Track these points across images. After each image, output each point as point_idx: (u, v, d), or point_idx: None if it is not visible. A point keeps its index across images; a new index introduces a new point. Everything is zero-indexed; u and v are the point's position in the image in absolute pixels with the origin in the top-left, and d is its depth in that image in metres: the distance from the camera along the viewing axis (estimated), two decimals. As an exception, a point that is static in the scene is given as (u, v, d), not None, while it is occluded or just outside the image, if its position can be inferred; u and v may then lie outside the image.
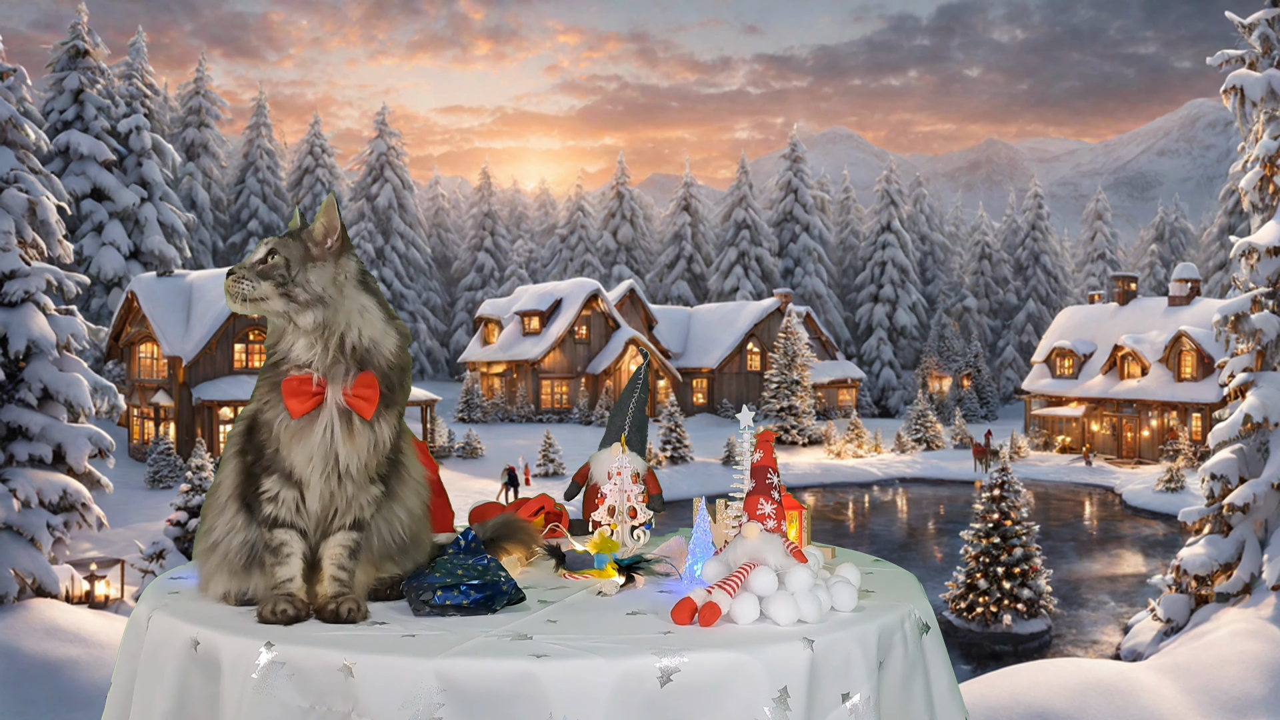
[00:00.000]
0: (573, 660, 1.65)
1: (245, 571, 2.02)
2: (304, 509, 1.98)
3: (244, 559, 2.02)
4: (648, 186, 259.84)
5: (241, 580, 2.03)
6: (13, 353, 15.26)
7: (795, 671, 1.71)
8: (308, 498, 1.98)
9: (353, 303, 1.98)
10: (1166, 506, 29.81)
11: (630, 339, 46.84)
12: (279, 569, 1.96)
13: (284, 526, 1.97)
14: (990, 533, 18.04)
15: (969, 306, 65.31)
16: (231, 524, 2.03)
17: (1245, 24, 16.41)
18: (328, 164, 61.45)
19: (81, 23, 42.19)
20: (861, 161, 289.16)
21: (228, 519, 2.04)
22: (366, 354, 1.97)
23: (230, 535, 2.03)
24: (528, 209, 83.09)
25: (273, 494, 1.97)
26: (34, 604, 14.13)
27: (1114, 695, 11.52)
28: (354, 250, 2.03)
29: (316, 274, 1.96)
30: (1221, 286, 58.50)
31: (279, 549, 1.97)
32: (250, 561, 2.02)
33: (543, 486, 31.71)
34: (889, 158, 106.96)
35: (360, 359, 1.97)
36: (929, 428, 42.20)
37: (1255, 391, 15.13)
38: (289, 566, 1.96)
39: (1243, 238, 16.09)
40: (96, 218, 40.42)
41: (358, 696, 1.65)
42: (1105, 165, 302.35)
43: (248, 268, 1.95)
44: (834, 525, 29.32)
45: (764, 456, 2.07)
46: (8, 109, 17.26)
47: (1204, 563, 15.43)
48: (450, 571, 1.96)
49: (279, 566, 1.96)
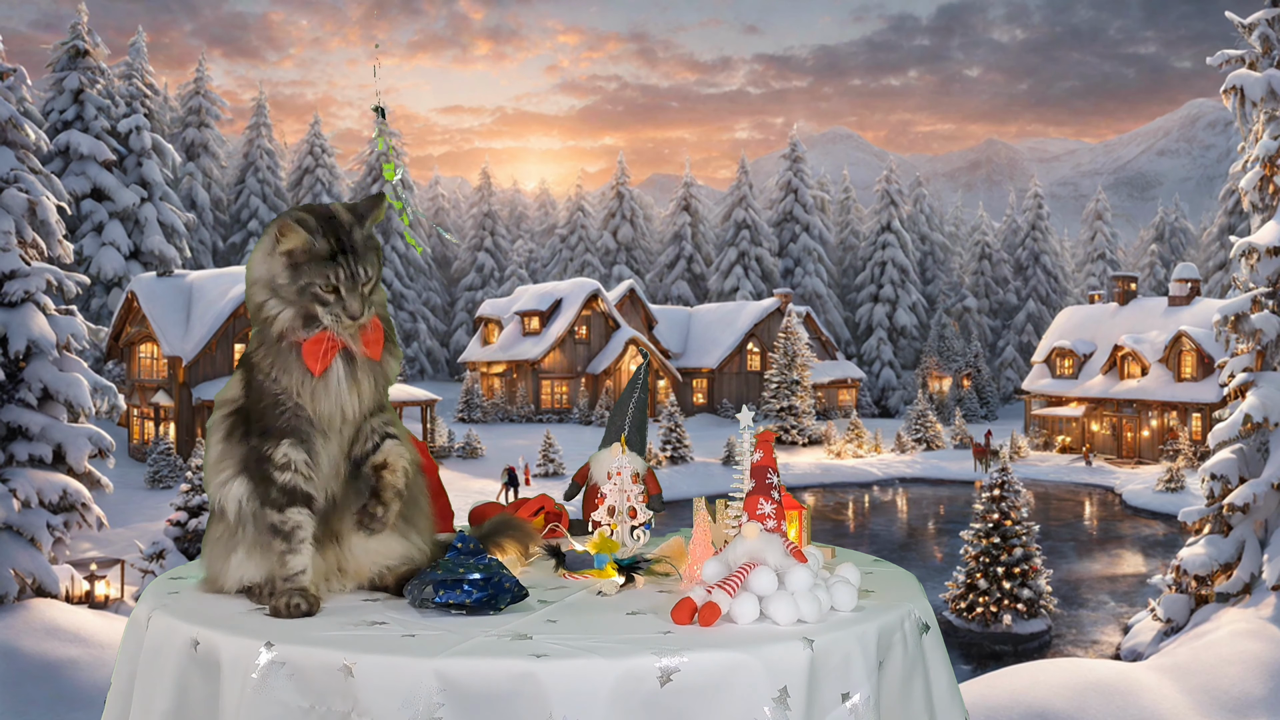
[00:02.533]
0: (573, 660, 1.65)
1: (264, 555, 2.01)
2: (315, 471, 1.99)
3: (261, 540, 2.01)
4: (648, 186, 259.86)
5: (261, 565, 2.01)
6: (13, 353, 15.26)
7: (795, 671, 1.71)
8: (321, 455, 2.00)
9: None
10: (1166, 506, 29.82)
11: (630, 339, 46.85)
12: (291, 558, 1.95)
13: (297, 503, 1.97)
14: (990, 533, 18.05)
15: (969, 306, 65.32)
16: (246, 495, 2.01)
17: (1245, 24, 16.41)
18: (328, 164, 61.45)
19: (81, 23, 42.21)
20: (861, 161, 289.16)
21: (239, 491, 2.01)
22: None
23: (248, 503, 2.01)
24: (528, 209, 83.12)
25: (284, 460, 1.97)
26: (34, 604, 14.14)
27: (1114, 695, 11.52)
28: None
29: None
30: (1221, 286, 58.51)
31: (292, 534, 1.96)
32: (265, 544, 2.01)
33: (543, 486, 31.71)
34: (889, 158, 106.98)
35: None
36: (929, 428, 42.21)
37: (1255, 391, 15.14)
38: (301, 555, 1.96)
39: (1243, 238, 16.09)
40: (96, 218, 40.43)
41: (358, 696, 1.65)
42: (1105, 165, 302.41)
43: (363, 299, 1.96)
44: (834, 525, 29.32)
45: (764, 456, 2.07)
46: (8, 109, 17.26)
47: (1204, 563, 15.43)
48: (452, 570, 1.96)
49: (291, 555, 1.96)
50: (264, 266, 1.96)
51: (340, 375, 1.99)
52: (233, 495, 2.02)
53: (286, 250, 1.92)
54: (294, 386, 1.97)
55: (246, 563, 2.02)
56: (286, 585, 1.94)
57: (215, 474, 2.04)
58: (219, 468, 2.04)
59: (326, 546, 2.05)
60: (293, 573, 1.96)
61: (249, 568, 2.02)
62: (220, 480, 2.03)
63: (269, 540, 1.99)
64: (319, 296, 1.92)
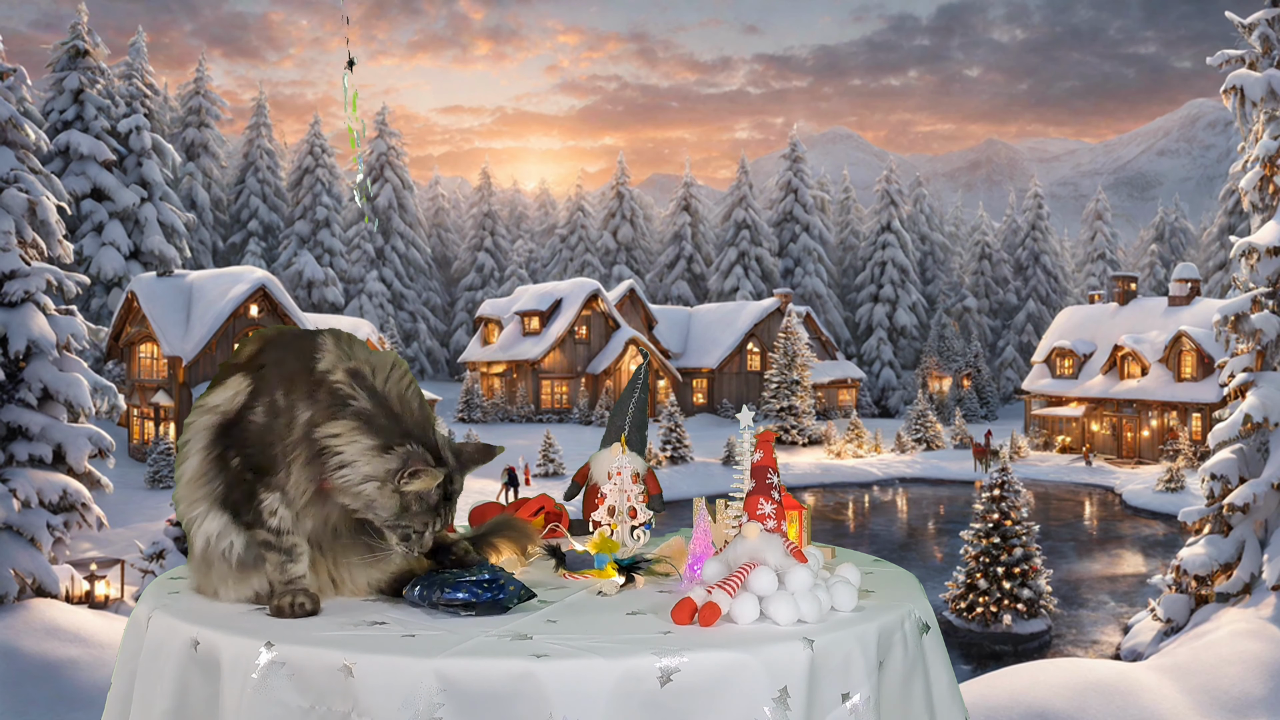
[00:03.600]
0: (573, 660, 1.65)
1: (244, 577, 2.00)
2: (299, 525, 1.98)
3: (240, 564, 1.99)
4: (648, 186, 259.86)
5: (243, 587, 2.01)
6: (13, 353, 15.26)
7: (795, 671, 1.71)
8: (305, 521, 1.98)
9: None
10: (1166, 506, 29.82)
11: (630, 339, 46.85)
12: (291, 565, 1.96)
13: (288, 532, 1.97)
14: (990, 533, 18.04)
15: (969, 306, 65.32)
16: (219, 533, 1.98)
17: (1245, 24, 16.41)
18: (328, 164, 61.45)
19: (81, 23, 42.20)
20: (861, 161, 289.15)
21: (211, 529, 1.98)
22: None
23: (217, 543, 1.98)
24: (528, 209, 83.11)
25: (273, 509, 1.94)
26: (34, 604, 14.13)
27: (1114, 695, 11.52)
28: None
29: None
30: (1221, 286, 58.52)
31: (292, 549, 1.96)
32: (246, 565, 1.99)
33: (543, 486, 31.71)
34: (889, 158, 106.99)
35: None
36: (929, 428, 42.20)
37: (1255, 391, 15.14)
38: (301, 564, 1.97)
39: (1243, 238, 16.09)
40: (96, 218, 40.42)
41: (358, 696, 1.65)
42: (1105, 165, 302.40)
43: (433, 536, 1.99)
44: (834, 525, 29.32)
45: (764, 456, 2.07)
46: (8, 109, 17.26)
47: (1204, 563, 15.43)
48: (459, 572, 1.98)
49: (291, 564, 1.96)
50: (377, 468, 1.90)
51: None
52: (203, 532, 1.98)
53: (406, 489, 1.90)
54: (298, 489, 1.93)
55: (231, 591, 2.01)
56: (289, 587, 1.94)
57: (192, 491, 1.99)
58: (195, 485, 1.99)
59: (320, 565, 2.04)
60: (295, 576, 1.96)
61: (235, 592, 2.01)
62: (194, 514, 1.99)
63: (256, 558, 1.98)
64: (408, 536, 1.95)
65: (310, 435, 1.90)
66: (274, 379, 1.96)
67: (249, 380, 1.99)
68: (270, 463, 1.93)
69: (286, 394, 1.93)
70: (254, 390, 1.97)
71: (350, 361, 1.96)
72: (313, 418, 1.90)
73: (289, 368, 1.96)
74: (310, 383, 1.93)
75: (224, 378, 2.03)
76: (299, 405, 1.92)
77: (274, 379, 1.96)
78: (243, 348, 2.08)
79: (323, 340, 2.00)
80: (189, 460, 2.00)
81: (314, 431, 1.89)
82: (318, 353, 1.97)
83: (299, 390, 1.93)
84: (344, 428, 1.89)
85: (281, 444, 1.92)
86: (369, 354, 2.00)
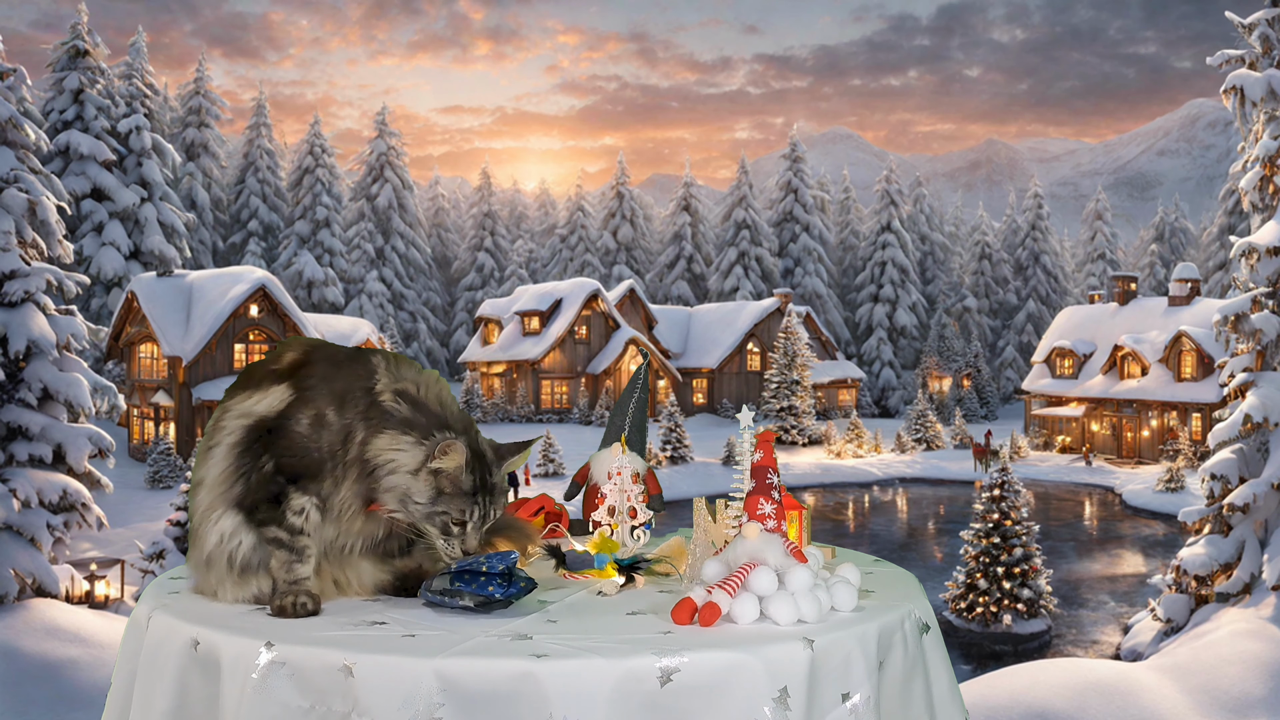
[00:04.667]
0: (573, 660, 1.65)
1: (245, 579, 2.01)
2: (319, 531, 2.01)
3: (243, 566, 2.00)
4: (648, 186, 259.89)
5: (243, 589, 2.01)
6: (13, 353, 15.26)
7: (795, 671, 1.71)
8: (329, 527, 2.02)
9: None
10: (1166, 506, 29.82)
11: (630, 339, 46.85)
12: (299, 566, 1.96)
13: (305, 533, 1.98)
14: (990, 533, 18.05)
15: (969, 306, 65.33)
16: (231, 532, 1.99)
17: (1245, 24, 16.41)
18: (328, 164, 61.44)
19: (81, 23, 42.21)
20: (861, 161, 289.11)
21: (225, 527, 1.99)
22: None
23: (228, 540, 2.00)
24: (528, 209, 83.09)
25: (301, 509, 1.96)
26: (34, 604, 14.13)
27: (1114, 695, 11.52)
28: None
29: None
30: (1221, 286, 58.52)
31: (303, 551, 1.97)
32: (248, 567, 2.00)
33: (543, 486, 31.71)
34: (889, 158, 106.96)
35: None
36: (929, 428, 42.20)
37: (1255, 391, 15.14)
38: (307, 566, 1.98)
39: (1243, 238, 16.09)
40: (96, 218, 40.43)
41: (358, 696, 1.65)
42: (1105, 165, 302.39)
43: (481, 538, 2.01)
44: (834, 525, 29.32)
45: (764, 456, 2.06)
46: (8, 109, 17.26)
47: (1204, 563, 15.43)
48: (469, 570, 1.97)
49: (299, 564, 1.97)
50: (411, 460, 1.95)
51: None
52: (218, 529, 2.00)
53: (436, 469, 1.94)
54: (343, 502, 1.98)
55: (230, 592, 2.02)
56: (293, 587, 1.95)
57: (216, 488, 2.01)
58: (221, 483, 2.01)
59: (325, 571, 2.04)
60: (300, 577, 1.96)
61: (235, 593, 2.02)
62: (214, 512, 2.01)
63: (260, 560, 1.99)
64: (447, 527, 1.95)
65: (363, 456, 1.96)
66: (323, 393, 1.99)
67: (291, 390, 2.01)
68: (308, 470, 1.97)
69: (339, 411, 1.98)
70: (297, 400, 2.00)
71: (398, 383, 2.03)
72: (365, 438, 1.97)
73: (341, 385, 2.00)
74: (367, 403, 1.99)
75: (261, 383, 2.04)
76: (356, 425, 1.97)
77: (323, 393, 1.99)
78: (280, 354, 2.09)
79: (376, 362, 2.05)
80: (218, 460, 2.02)
81: (366, 451, 1.96)
82: (375, 375, 2.02)
83: (353, 409, 1.98)
84: (389, 438, 1.96)
85: (331, 458, 1.97)
86: (416, 373, 2.07)
